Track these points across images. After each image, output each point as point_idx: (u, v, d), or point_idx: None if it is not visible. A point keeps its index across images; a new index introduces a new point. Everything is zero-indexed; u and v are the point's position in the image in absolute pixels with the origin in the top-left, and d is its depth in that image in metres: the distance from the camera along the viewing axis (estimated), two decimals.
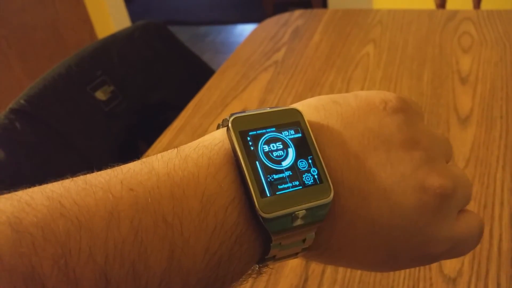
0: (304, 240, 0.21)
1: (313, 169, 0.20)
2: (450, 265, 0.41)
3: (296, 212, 0.19)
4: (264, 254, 0.20)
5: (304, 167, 0.20)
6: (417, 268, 0.41)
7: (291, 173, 0.20)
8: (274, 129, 0.21)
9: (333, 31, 0.87)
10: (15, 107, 0.66)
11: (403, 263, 0.23)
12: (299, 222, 0.20)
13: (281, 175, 0.20)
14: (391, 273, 0.41)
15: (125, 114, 0.77)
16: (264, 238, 0.20)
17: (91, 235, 0.16)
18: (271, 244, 0.20)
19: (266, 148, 0.20)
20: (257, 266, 0.21)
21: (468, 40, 0.77)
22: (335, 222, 0.21)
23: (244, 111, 0.21)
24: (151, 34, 0.85)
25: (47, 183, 0.18)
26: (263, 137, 0.20)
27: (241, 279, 0.21)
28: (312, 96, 0.26)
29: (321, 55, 0.79)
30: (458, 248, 0.23)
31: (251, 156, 0.19)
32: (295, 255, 0.22)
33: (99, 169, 0.19)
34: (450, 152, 0.25)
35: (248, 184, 0.19)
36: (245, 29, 2.61)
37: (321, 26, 0.89)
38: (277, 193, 0.19)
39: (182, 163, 0.19)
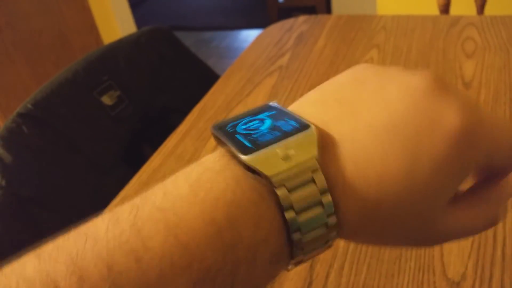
0: (326, 224, 0.20)
1: (290, 121, 0.20)
2: (454, 269, 0.41)
3: (284, 151, 0.19)
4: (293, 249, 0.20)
5: (281, 124, 0.20)
6: (421, 272, 0.41)
7: (269, 129, 0.20)
8: (249, 116, 0.22)
9: (337, 36, 0.87)
10: (22, 111, 0.67)
11: (424, 239, 0.23)
12: (293, 161, 0.19)
13: (260, 133, 0.20)
14: (395, 276, 0.41)
15: (131, 119, 0.78)
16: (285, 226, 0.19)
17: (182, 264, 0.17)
18: (282, 206, 0.19)
19: (244, 127, 0.21)
20: (290, 264, 0.21)
21: (472, 46, 0.77)
22: (360, 207, 0.20)
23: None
24: (157, 39, 0.86)
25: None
26: (241, 122, 0.21)
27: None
28: None
29: (325, 60, 0.79)
30: (478, 224, 0.23)
31: (231, 134, 0.20)
32: (324, 240, 0.20)
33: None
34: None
35: (231, 148, 0.19)
36: (250, 35, 2.62)
37: (325, 32, 0.90)
38: (258, 142, 0.19)
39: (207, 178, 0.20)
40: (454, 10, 1.19)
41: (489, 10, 1.15)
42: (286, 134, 0.20)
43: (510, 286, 0.39)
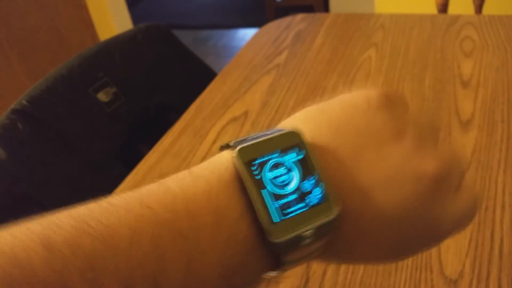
0: (312, 253, 0.22)
1: (316, 188, 0.21)
2: (451, 267, 0.41)
3: (304, 233, 0.20)
4: (275, 263, 0.21)
5: (308, 188, 0.21)
6: (418, 270, 0.41)
7: (296, 196, 0.21)
8: (277, 154, 0.22)
9: (335, 35, 0.87)
10: (17, 107, 0.66)
11: (415, 248, 0.24)
12: (307, 241, 0.21)
13: (287, 200, 0.21)
14: (392, 274, 0.41)
15: (127, 116, 0.77)
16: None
17: (115, 251, 0.17)
18: (280, 261, 0.21)
19: (271, 174, 0.21)
20: (272, 273, 0.22)
21: (470, 45, 0.77)
22: (341, 224, 0.22)
23: (246, 138, 0.22)
24: (153, 36, 0.85)
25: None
26: (268, 164, 0.21)
27: (254, 287, 0.22)
28: (314, 99, 0.27)
29: (323, 59, 0.79)
30: (461, 221, 0.24)
31: (258, 185, 0.20)
32: (306, 261, 0.23)
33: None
34: (437, 132, 0.26)
35: (257, 213, 0.20)
36: (247, 34, 2.62)
37: (323, 30, 0.89)
38: (284, 217, 0.20)
39: (195, 180, 0.20)
40: (452, 10, 1.19)
41: (487, 9, 1.15)
42: (311, 211, 0.21)
43: (508, 284, 0.39)
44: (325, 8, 2.48)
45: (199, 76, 0.89)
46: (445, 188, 0.23)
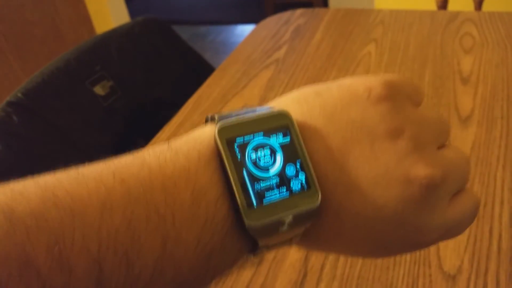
0: (291, 239, 0.21)
1: (301, 173, 0.20)
2: (449, 262, 0.41)
3: (283, 219, 0.20)
4: (253, 246, 0.21)
5: (292, 173, 0.20)
6: (417, 265, 0.41)
7: (278, 180, 0.20)
8: (262, 134, 0.20)
9: (334, 30, 0.86)
10: (12, 100, 0.65)
11: (395, 251, 0.23)
12: (285, 227, 0.20)
13: (268, 183, 0.20)
14: (390, 269, 0.41)
15: (124, 110, 0.77)
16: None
17: (84, 224, 0.16)
18: (258, 246, 0.20)
19: (254, 155, 0.20)
20: (250, 255, 0.22)
21: (470, 41, 0.77)
22: (321, 214, 0.21)
23: (230, 114, 0.21)
24: (151, 30, 0.85)
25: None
26: (251, 144, 0.20)
27: (233, 268, 0.21)
28: None
29: (322, 54, 0.79)
30: (452, 230, 0.23)
31: (238, 165, 0.19)
32: (285, 246, 0.22)
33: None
34: (446, 133, 0.24)
35: (235, 194, 0.19)
36: (246, 30, 2.61)
37: (322, 25, 0.89)
38: (263, 201, 0.19)
39: (173, 156, 0.19)
40: (452, 6, 1.19)
41: (487, 6, 1.15)
42: (292, 197, 0.20)
43: (506, 280, 0.39)
44: (324, 3, 2.48)
45: (197, 71, 0.88)
46: (437, 196, 0.21)
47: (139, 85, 0.80)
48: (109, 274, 0.17)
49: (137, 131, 0.80)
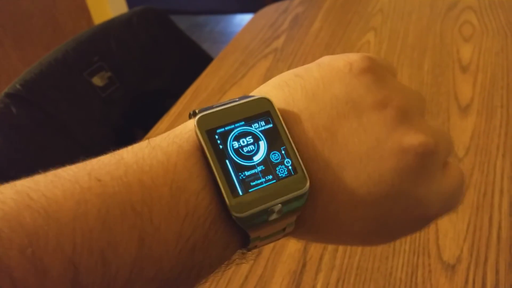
0: (284, 229, 0.21)
1: (286, 160, 0.20)
2: (449, 252, 0.41)
3: (271, 207, 0.19)
4: (245, 240, 0.20)
5: (277, 159, 0.20)
6: (416, 254, 0.41)
7: (263, 167, 0.19)
8: (243, 122, 0.20)
9: (333, 18, 0.86)
10: (10, 91, 0.65)
11: (397, 230, 0.22)
12: (275, 216, 0.19)
13: (253, 171, 0.19)
14: (390, 259, 0.41)
15: (123, 101, 0.76)
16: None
17: (58, 225, 0.16)
18: (249, 239, 0.20)
19: (236, 144, 0.19)
20: (242, 251, 0.21)
21: (469, 29, 0.76)
22: (315, 197, 0.20)
23: (211, 106, 0.20)
24: (149, 20, 0.84)
25: (41, 167, 0.19)
26: (232, 133, 0.20)
27: (223, 265, 0.21)
28: None
29: (321, 43, 0.78)
30: (449, 202, 0.22)
31: (220, 155, 0.19)
32: (279, 238, 0.22)
33: (95, 155, 0.19)
34: (424, 105, 0.24)
35: (219, 184, 0.18)
36: (244, 19, 2.59)
37: (321, 14, 0.88)
38: (249, 190, 0.19)
39: (151, 152, 0.19)
40: None
41: None
42: (279, 184, 0.19)
43: (505, 269, 0.39)
44: None
45: (195, 61, 0.88)
46: (432, 165, 0.21)
47: (137, 76, 0.80)
48: (85, 274, 0.16)
49: (135, 121, 0.79)
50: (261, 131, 0.20)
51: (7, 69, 1.75)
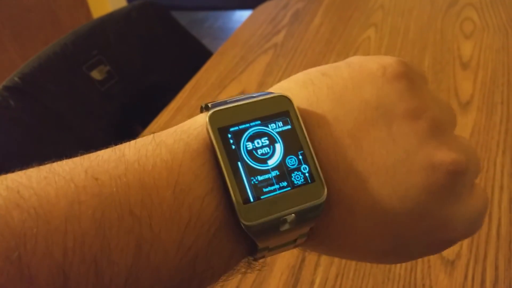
0: (295, 240, 0.19)
1: (303, 166, 0.18)
2: (448, 248, 0.41)
3: (284, 217, 0.18)
4: (252, 249, 0.18)
5: (293, 165, 0.18)
6: None
7: (278, 173, 0.18)
8: (259, 122, 0.18)
9: (334, 14, 0.85)
10: (9, 84, 0.64)
11: (416, 252, 0.21)
12: (287, 226, 0.18)
13: (266, 176, 0.18)
14: None
15: (121, 95, 0.76)
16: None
17: (48, 228, 0.15)
18: (257, 249, 0.18)
19: (250, 145, 0.18)
20: (249, 259, 0.20)
21: (470, 26, 0.76)
22: (332, 209, 0.19)
23: (225, 101, 0.19)
24: (148, 14, 0.84)
25: (39, 161, 0.17)
26: (247, 133, 0.18)
27: (226, 275, 0.19)
28: None
29: (321, 39, 0.78)
30: (473, 226, 0.21)
31: (232, 156, 0.17)
32: (289, 249, 0.20)
33: (94, 149, 0.18)
34: (455, 119, 0.22)
35: (228, 189, 0.17)
36: (244, 15, 2.58)
37: (321, 10, 0.88)
38: (261, 197, 0.17)
39: (155, 149, 0.17)
40: None
41: None
42: (294, 192, 0.18)
43: (504, 265, 0.39)
44: None
45: (194, 55, 0.87)
46: (461, 185, 0.19)
47: (136, 70, 0.80)
48: (75, 283, 0.15)
49: (134, 116, 0.79)
50: (278, 133, 0.18)
51: (5, 64, 1.74)
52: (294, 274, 0.40)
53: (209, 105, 0.19)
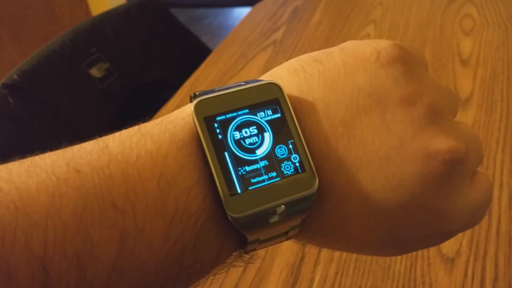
0: (287, 232, 0.19)
1: (294, 155, 0.18)
2: (448, 245, 0.41)
3: (273, 209, 0.17)
4: (242, 242, 0.18)
5: (283, 154, 0.18)
6: None
7: (267, 163, 0.17)
8: (247, 110, 0.18)
9: (333, 11, 0.85)
10: (8, 82, 0.64)
11: (412, 244, 0.20)
12: (276, 218, 0.17)
13: (254, 166, 0.17)
14: None
15: (120, 92, 0.76)
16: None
17: (28, 222, 0.14)
18: (247, 241, 0.18)
19: (238, 135, 0.17)
20: (240, 252, 0.19)
21: (470, 23, 0.76)
22: (324, 200, 0.18)
23: (213, 90, 0.18)
24: (147, 11, 0.83)
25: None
26: (234, 122, 0.17)
27: (217, 268, 0.19)
28: None
29: (320, 35, 0.78)
30: (474, 217, 0.20)
31: (219, 146, 0.17)
32: (281, 241, 0.20)
33: None
34: (457, 105, 0.21)
35: (214, 179, 0.16)
36: (243, 13, 2.58)
37: (321, 6, 0.88)
38: (249, 188, 0.17)
39: (140, 140, 0.17)
40: None
41: None
42: (284, 183, 0.17)
43: (504, 263, 0.39)
44: None
45: (194, 53, 0.87)
46: (459, 175, 0.18)
47: (135, 67, 0.79)
48: (56, 279, 0.14)
49: (133, 113, 0.79)
50: (267, 121, 0.18)
51: (4, 61, 1.74)
52: (293, 271, 0.40)
53: (197, 93, 0.18)
